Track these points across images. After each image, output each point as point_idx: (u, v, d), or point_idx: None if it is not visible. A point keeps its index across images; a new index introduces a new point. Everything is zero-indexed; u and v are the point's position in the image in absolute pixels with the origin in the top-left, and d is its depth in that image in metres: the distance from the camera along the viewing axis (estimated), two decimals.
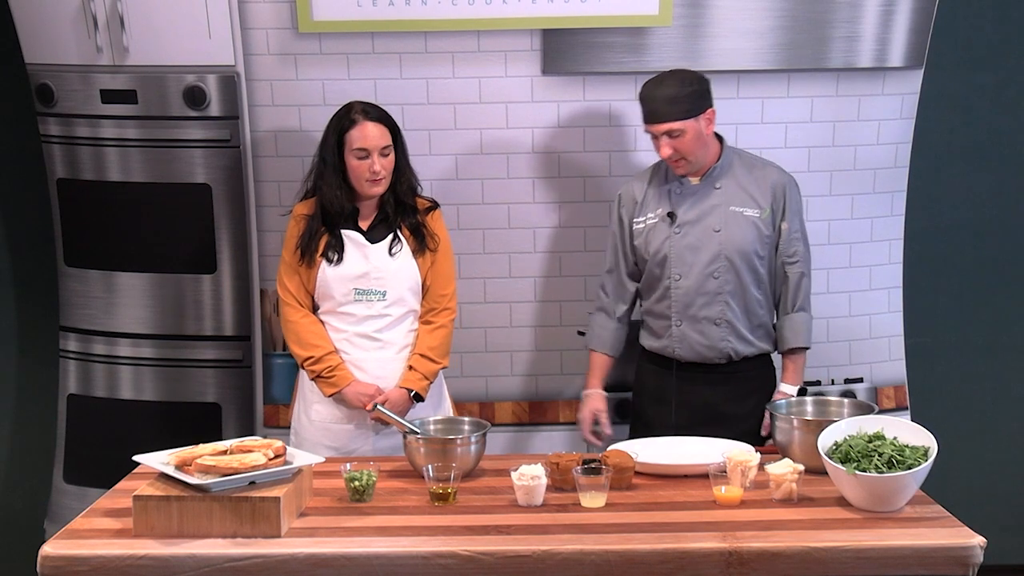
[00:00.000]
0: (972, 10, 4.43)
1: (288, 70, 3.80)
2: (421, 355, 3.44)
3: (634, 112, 3.75)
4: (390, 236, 3.44)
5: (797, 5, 3.78)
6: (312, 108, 3.79)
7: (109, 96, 3.87)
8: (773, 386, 3.51)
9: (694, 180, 3.43)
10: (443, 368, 3.50)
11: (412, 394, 3.41)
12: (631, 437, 3.49)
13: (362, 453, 3.42)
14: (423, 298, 3.48)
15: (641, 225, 3.47)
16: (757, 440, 3.41)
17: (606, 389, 3.59)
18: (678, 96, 3.30)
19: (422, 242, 3.45)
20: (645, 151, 3.62)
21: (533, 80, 3.82)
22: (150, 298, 3.99)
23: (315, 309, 3.47)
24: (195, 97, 3.84)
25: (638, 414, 3.60)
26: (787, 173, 3.51)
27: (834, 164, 3.93)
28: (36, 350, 4.51)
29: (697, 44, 3.80)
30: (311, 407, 3.48)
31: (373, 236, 3.44)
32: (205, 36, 3.79)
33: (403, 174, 3.44)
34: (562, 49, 3.80)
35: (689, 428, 3.39)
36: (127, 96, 3.86)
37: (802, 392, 3.47)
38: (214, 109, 3.85)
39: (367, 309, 3.42)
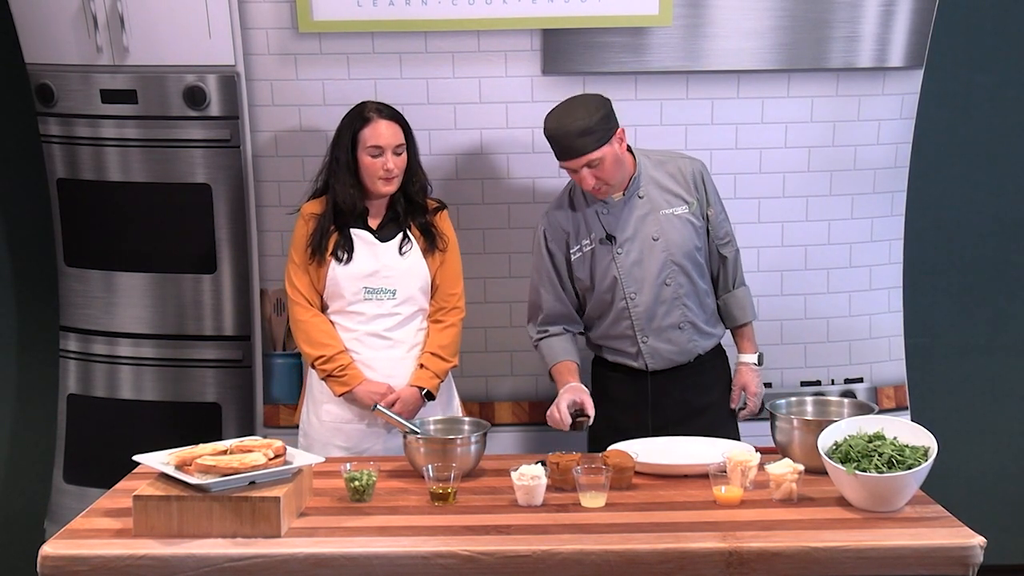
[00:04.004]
0: (972, 10, 4.43)
1: (288, 70, 3.80)
2: (432, 353, 3.45)
3: (634, 112, 3.76)
4: (400, 235, 3.44)
5: (797, 5, 3.78)
6: (312, 108, 3.79)
7: (109, 96, 3.87)
8: (728, 368, 3.55)
9: (617, 196, 3.37)
10: (453, 367, 3.50)
11: (424, 392, 3.41)
12: (597, 443, 3.48)
13: (373, 452, 3.43)
14: (432, 297, 3.49)
15: (579, 255, 3.42)
16: (733, 423, 3.49)
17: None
18: (589, 127, 3.20)
19: (432, 242, 3.45)
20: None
21: (533, 80, 3.82)
22: (150, 298, 3.99)
23: (323, 309, 3.47)
24: (195, 97, 3.84)
25: (606, 419, 3.47)
26: (696, 159, 3.48)
27: (834, 164, 3.93)
28: (36, 350, 4.51)
29: (697, 44, 3.80)
30: (321, 407, 3.48)
31: (383, 235, 3.44)
32: (205, 36, 3.79)
33: (415, 174, 3.45)
34: (562, 49, 3.79)
35: (665, 428, 3.39)
36: (127, 96, 3.86)
37: (760, 359, 3.53)
38: (214, 109, 3.85)
39: (377, 308, 3.43)
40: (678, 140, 3.81)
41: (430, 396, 3.43)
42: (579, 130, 3.20)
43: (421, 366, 3.44)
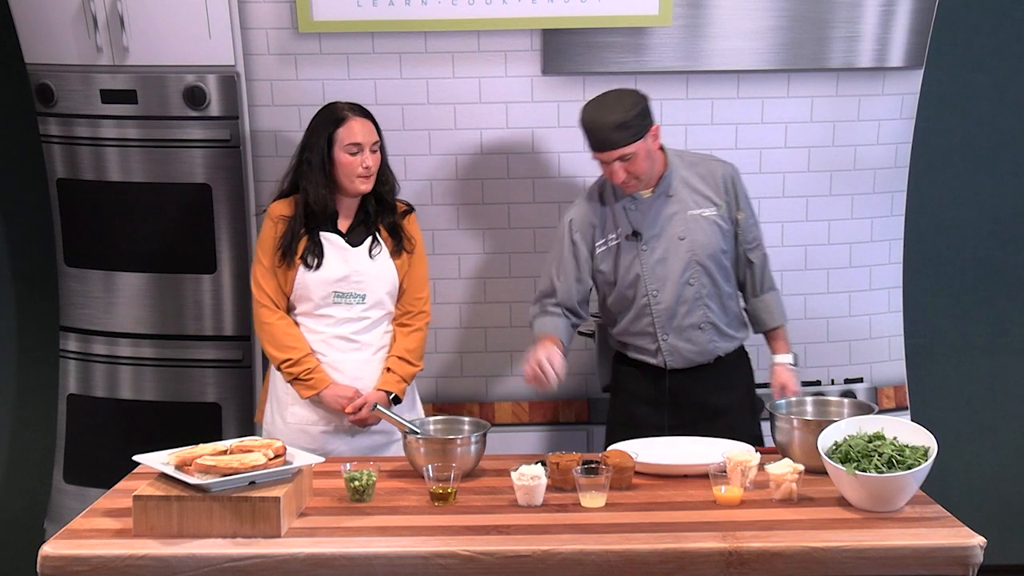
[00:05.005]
0: (972, 10, 4.43)
1: (288, 70, 3.80)
2: (399, 357, 3.44)
3: None
4: (369, 239, 3.43)
5: (797, 5, 3.78)
6: (312, 108, 3.76)
7: (109, 96, 3.88)
8: (751, 372, 3.57)
9: (646, 193, 3.39)
10: (419, 371, 3.50)
11: (391, 396, 3.41)
12: (612, 438, 3.49)
13: (339, 454, 3.41)
14: (398, 301, 3.48)
15: (603, 248, 3.43)
16: (751, 430, 3.47)
17: None
18: (625, 121, 3.22)
19: (399, 243, 3.44)
20: None
21: (533, 80, 3.82)
22: (150, 298, 3.99)
23: (290, 310, 3.46)
24: (195, 97, 3.84)
25: (623, 415, 3.53)
26: (728, 163, 3.49)
27: (834, 164, 3.93)
28: (36, 350, 4.51)
29: (697, 44, 3.80)
30: (287, 409, 3.46)
31: (353, 239, 3.42)
32: (205, 36, 3.79)
33: (385, 174, 3.44)
34: (562, 49, 3.80)
35: (683, 427, 3.40)
36: (127, 96, 3.87)
37: (795, 359, 3.52)
38: (214, 109, 3.85)
39: (346, 312, 3.41)
40: (678, 140, 3.81)
41: (396, 400, 3.42)
42: (615, 124, 3.22)
43: (388, 370, 3.43)
